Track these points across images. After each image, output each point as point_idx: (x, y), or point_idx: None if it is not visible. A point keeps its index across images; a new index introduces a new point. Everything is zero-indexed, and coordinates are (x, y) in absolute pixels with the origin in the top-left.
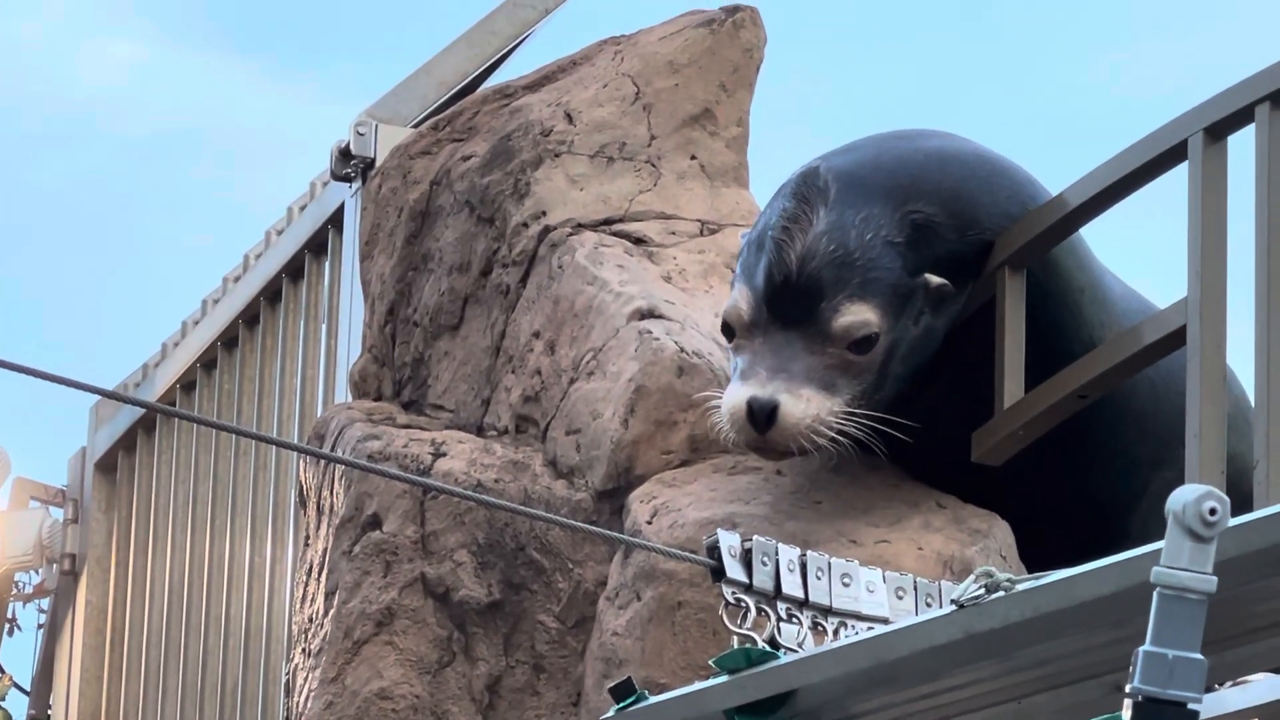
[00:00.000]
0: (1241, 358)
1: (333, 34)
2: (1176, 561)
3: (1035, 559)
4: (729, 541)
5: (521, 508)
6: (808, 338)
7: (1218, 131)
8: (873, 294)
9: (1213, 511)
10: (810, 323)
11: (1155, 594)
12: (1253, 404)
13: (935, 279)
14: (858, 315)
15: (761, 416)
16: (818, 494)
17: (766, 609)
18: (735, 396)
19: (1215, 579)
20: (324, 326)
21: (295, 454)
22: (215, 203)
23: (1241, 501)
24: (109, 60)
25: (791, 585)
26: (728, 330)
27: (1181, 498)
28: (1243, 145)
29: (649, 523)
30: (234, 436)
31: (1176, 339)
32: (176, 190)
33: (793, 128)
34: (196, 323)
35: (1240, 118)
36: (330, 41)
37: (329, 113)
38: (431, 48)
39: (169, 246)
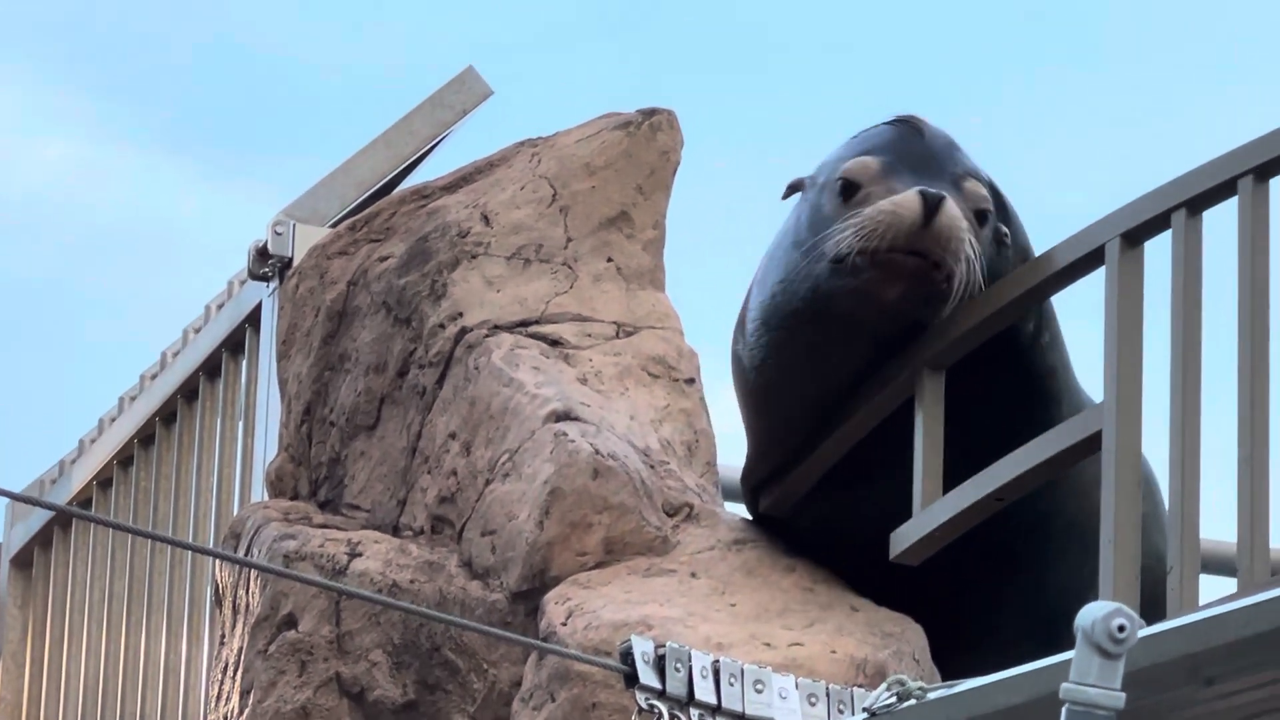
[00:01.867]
0: (1157, 463)
1: (263, 133)
2: (1085, 678)
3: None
4: (642, 647)
5: (431, 612)
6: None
7: (1135, 237)
8: (984, 185)
9: (1121, 628)
10: (942, 182)
11: (1064, 710)
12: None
13: (1003, 226)
14: (980, 190)
15: (934, 202)
16: (732, 596)
17: (679, 715)
18: (900, 194)
19: (1123, 695)
20: (241, 425)
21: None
22: (144, 301)
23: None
24: (42, 160)
25: (704, 691)
26: (851, 187)
27: (1090, 614)
28: (1160, 251)
29: (564, 624)
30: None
31: (1092, 444)
32: (106, 289)
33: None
34: (114, 420)
35: (1157, 223)
36: (261, 140)
37: (261, 211)
38: (351, 147)
39: (93, 345)
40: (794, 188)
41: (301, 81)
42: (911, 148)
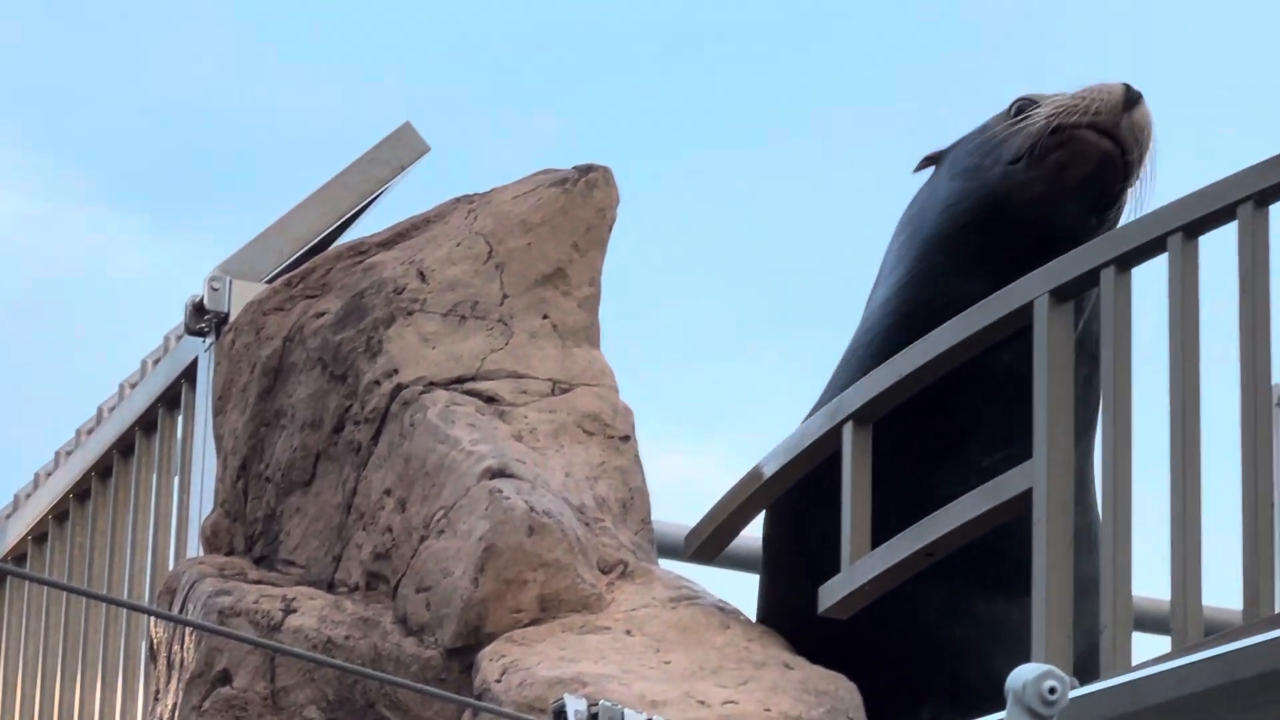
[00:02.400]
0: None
1: (204, 188)
2: None
3: None
4: (575, 706)
5: (365, 669)
6: None
7: (1064, 293)
8: None
9: (1052, 690)
10: None
11: None
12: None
13: None
14: None
15: (1135, 93)
16: (667, 654)
17: None
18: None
19: None
20: (176, 480)
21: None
22: (86, 355)
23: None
24: None
25: None
26: (1029, 104)
27: (1021, 676)
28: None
29: (498, 681)
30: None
31: (1023, 502)
32: (47, 343)
33: (646, 287)
34: (49, 475)
35: (1086, 280)
36: (202, 195)
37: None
38: (288, 203)
39: (34, 399)
40: (930, 160)
41: (241, 137)
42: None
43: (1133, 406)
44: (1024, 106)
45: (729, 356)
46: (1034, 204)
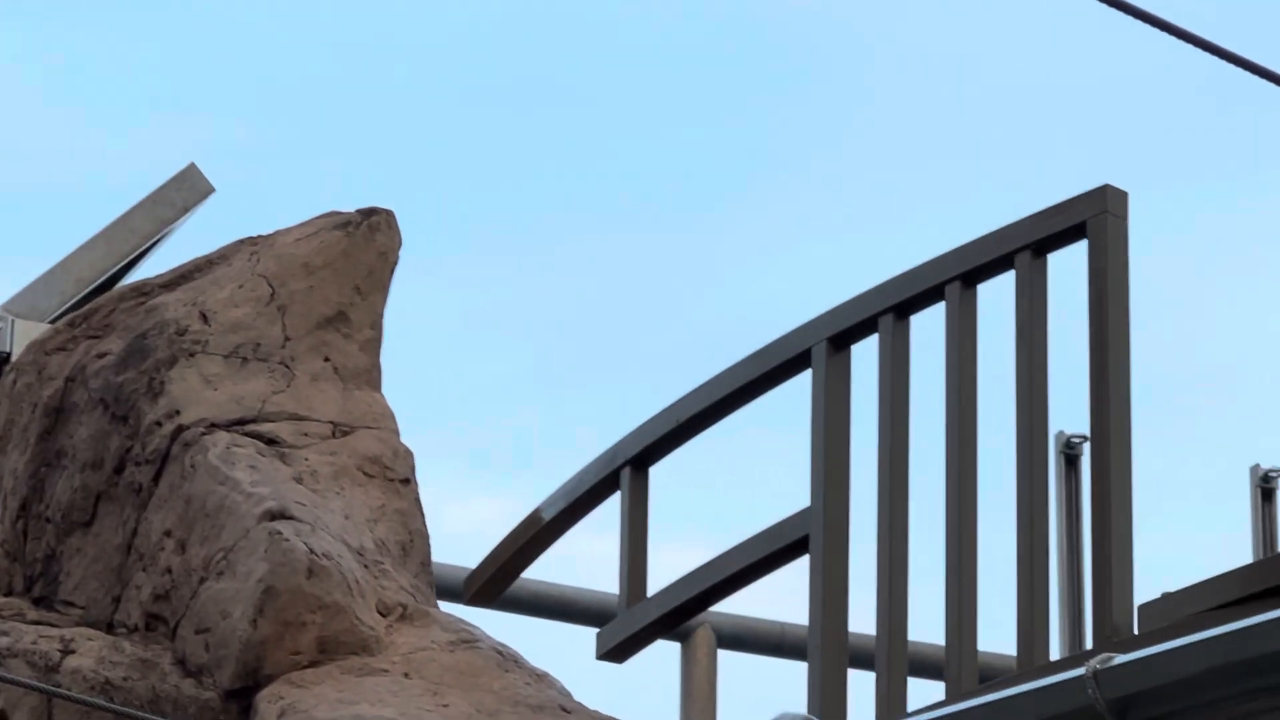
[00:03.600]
0: (863, 569)
1: None
2: None
3: None
4: None
5: (139, 713)
6: None
7: (841, 341)
8: None
9: None
10: None
11: None
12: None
13: None
14: None
15: None
16: (445, 697)
17: None
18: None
19: None
20: None
21: None
22: None
23: None
24: None
25: None
26: None
27: None
28: (867, 355)
29: None
30: None
31: (799, 548)
32: None
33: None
34: None
35: (864, 328)
36: None
37: None
38: (71, 243)
39: None
40: None
41: (22, 176)
42: None
43: (910, 455)
44: None
45: (530, 404)
46: None
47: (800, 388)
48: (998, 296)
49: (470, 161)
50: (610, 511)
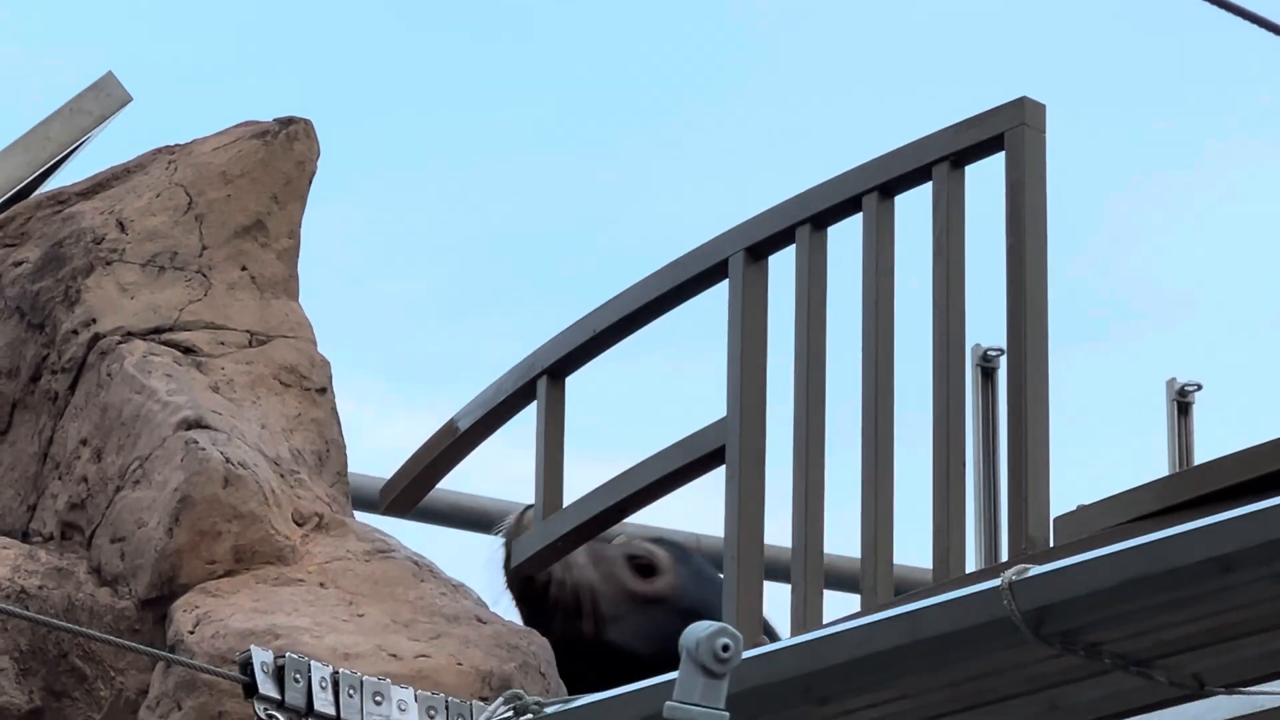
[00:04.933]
0: (780, 479)
1: None
2: (689, 697)
3: None
4: (262, 658)
5: (56, 621)
6: None
7: (759, 251)
8: None
9: (725, 648)
10: None
11: None
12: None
13: None
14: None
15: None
16: (360, 607)
17: None
18: None
19: (726, 715)
20: None
21: None
22: None
23: None
24: None
25: (323, 703)
26: None
27: (695, 633)
28: (784, 265)
29: (191, 632)
30: None
31: (715, 458)
32: None
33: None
34: None
35: (781, 239)
36: None
37: None
38: None
39: None
40: None
41: None
42: None
43: (826, 367)
44: None
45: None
46: None
47: (716, 304)
48: (915, 208)
49: (393, 79)
50: (526, 424)
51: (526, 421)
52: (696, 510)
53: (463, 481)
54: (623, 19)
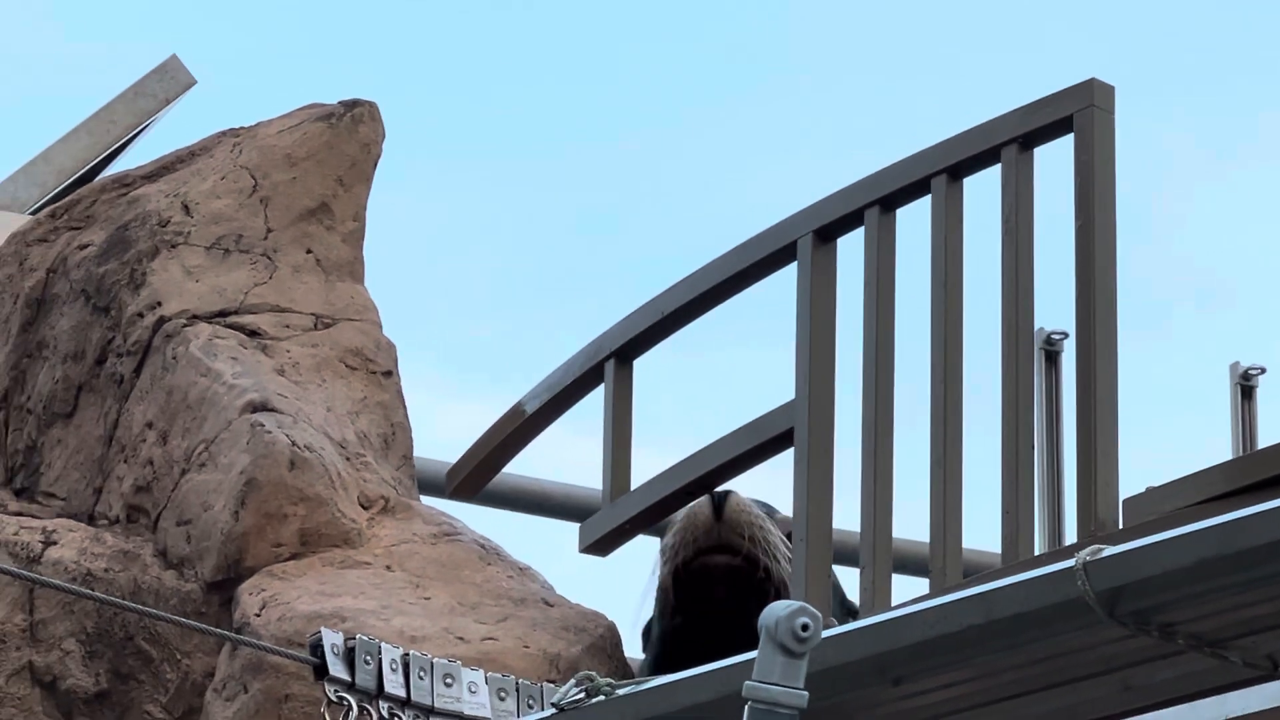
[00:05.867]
0: (849, 460)
1: None
2: (768, 676)
3: None
4: (332, 639)
5: (124, 602)
6: None
7: (827, 233)
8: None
9: (805, 627)
10: None
11: (746, 709)
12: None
13: None
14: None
15: (720, 496)
16: (427, 590)
17: (368, 708)
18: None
19: (805, 694)
20: None
21: None
22: None
23: None
24: None
25: (394, 684)
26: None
27: (774, 613)
28: (852, 248)
29: (258, 615)
30: None
31: (784, 440)
32: None
33: (411, 217)
34: None
35: (850, 221)
36: None
37: None
38: (51, 134)
39: None
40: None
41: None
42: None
43: (895, 347)
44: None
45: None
46: (705, 643)
47: (785, 296)
48: (984, 190)
49: (457, 62)
50: (594, 409)
51: (593, 404)
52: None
53: (528, 466)
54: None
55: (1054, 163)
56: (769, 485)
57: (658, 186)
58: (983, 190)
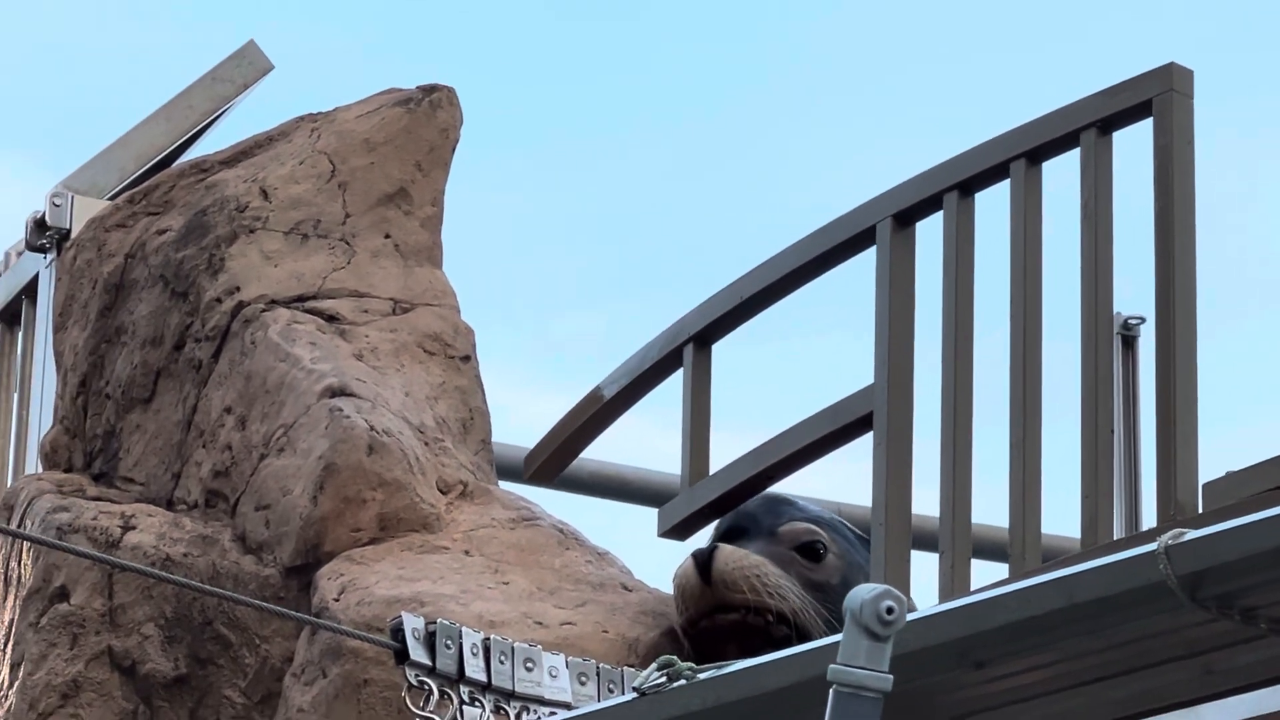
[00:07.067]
0: (927, 446)
1: (41, 105)
2: (853, 660)
3: None
4: (413, 624)
5: (204, 586)
6: None
7: (906, 218)
8: (811, 522)
9: (889, 610)
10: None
11: (831, 692)
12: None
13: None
14: (800, 527)
15: (703, 557)
16: (506, 574)
17: (449, 692)
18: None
19: (890, 677)
20: (15, 397)
21: None
22: None
23: None
24: None
25: (475, 669)
26: None
27: (859, 596)
28: (931, 232)
29: (336, 600)
30: None
31: (863, 425)
32: None
33: (489, 209)
34: None
35: (928, 205)
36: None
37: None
38: (129, 120)
39: None
40: None
41: (81, 54)
42: (734, 523)
43: (974, 331)
44: None
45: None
46: None
47: (865, 280)
48: (1063, 174)
49: (534, 52)
50: (671, 395)
51: (670, 391)
52: (835, 479)
53: (605, 451)
54: None
55: (1133, 147)
56: (843, 474)
57: (741, 174)
58: (1062, 174)
